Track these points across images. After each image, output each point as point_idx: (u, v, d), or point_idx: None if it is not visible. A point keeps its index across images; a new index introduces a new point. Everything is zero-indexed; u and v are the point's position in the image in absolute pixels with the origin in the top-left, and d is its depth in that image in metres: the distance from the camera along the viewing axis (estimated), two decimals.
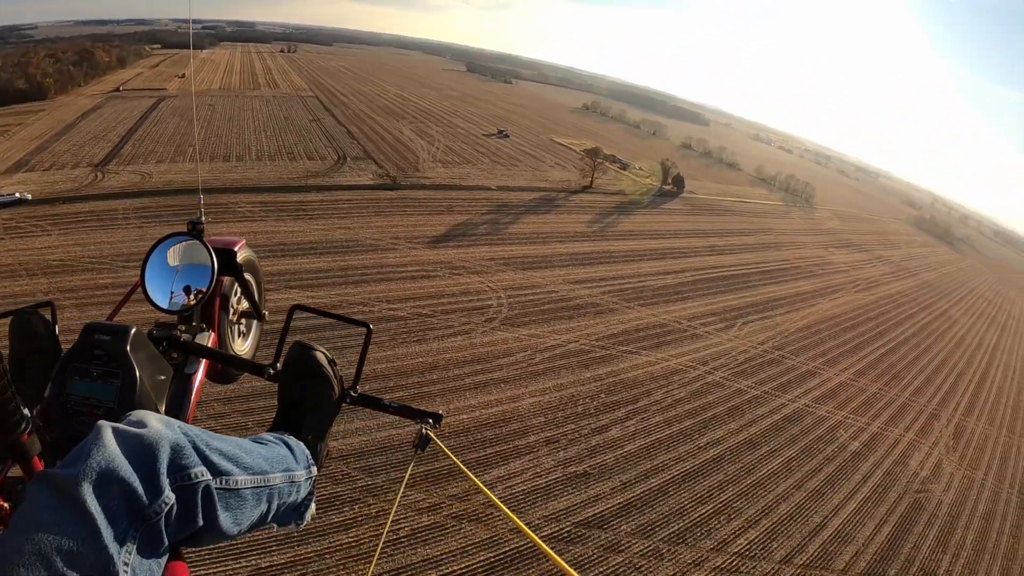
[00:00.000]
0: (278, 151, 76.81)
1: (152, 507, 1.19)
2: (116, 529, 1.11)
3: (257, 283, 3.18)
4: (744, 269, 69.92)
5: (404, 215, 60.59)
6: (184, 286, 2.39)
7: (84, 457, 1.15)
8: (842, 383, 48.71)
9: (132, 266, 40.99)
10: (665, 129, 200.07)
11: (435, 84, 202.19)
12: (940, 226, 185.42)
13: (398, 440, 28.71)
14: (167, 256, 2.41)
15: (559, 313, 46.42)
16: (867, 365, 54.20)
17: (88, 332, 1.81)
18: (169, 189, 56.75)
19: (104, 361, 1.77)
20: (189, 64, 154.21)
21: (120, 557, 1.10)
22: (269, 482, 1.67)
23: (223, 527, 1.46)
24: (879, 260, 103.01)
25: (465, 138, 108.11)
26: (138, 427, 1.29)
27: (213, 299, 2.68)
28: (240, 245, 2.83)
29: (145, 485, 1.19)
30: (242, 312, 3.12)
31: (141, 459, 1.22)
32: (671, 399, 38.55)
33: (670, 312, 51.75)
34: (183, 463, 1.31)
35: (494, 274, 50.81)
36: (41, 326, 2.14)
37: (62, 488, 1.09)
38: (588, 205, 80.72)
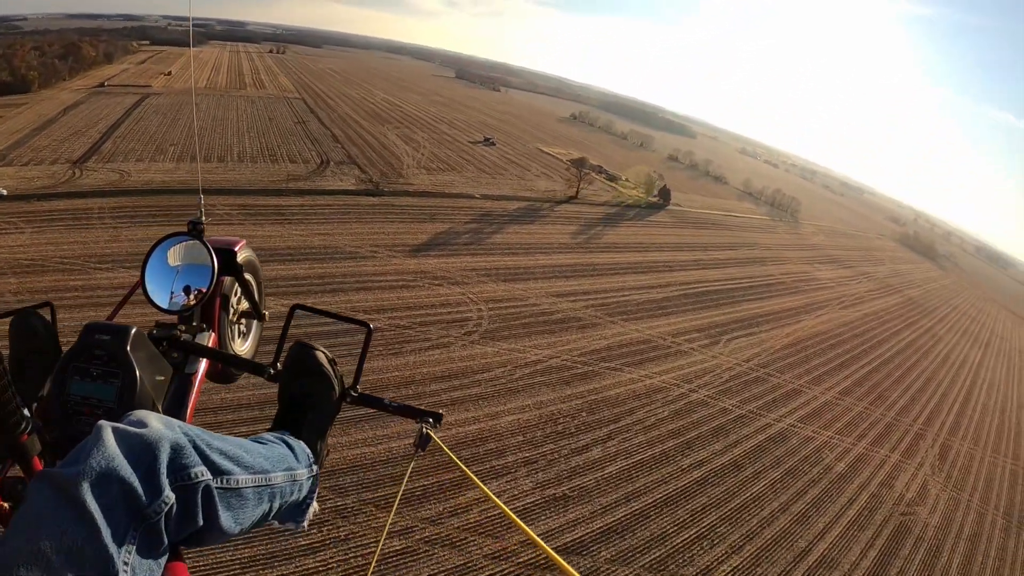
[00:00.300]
0: (260, 153, 75.33)
1: (152, 507, 1.20)
2: (116, 529, 1.12)
3: (257, 283, 3.19)
4: (729, 284, 69.18)
5: (385, 222, 59.37)
6: (184, 286, 2.38)
7: (84, 457, 1.15)
8: (828, 402, 48.06)
9: (104, 268, 40.13)
10: (652, 141, 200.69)
11: (423, 89, 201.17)
12: (923, 242, 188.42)
13: (370, 458, 27.73)
14: (167, 256, 2.40)
15: (541, 327, 45.34)
16: (853, 383, 53.69)
17: (88, 332, 1.80)
18: (147, 189, 55.47)
19: (104, 361, 1.75)
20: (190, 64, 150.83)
21: (120, 557, 1.10)
22: (270, 481, 1.66)
23: (224, 526, 1.45)
24: (864, 276, 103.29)
25: (451, 145, 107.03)
26: (138, 427, 1.30)
27: (213, 299, 2.66)
28: (240, 245, 2.83)
29: (145, 485, 1.20)
30: (242, 312, 3.13)
31: (141, 459, 1.23)
32: (654, 418, 37.56)
33: (654, 327, 50.81)
34: (183, 463, 1.32)
35: (475, 285, 49.61)
36: (41, 326, 2.14)
37: (62, 488, 1.10)
38: (573, 216, 79.79)
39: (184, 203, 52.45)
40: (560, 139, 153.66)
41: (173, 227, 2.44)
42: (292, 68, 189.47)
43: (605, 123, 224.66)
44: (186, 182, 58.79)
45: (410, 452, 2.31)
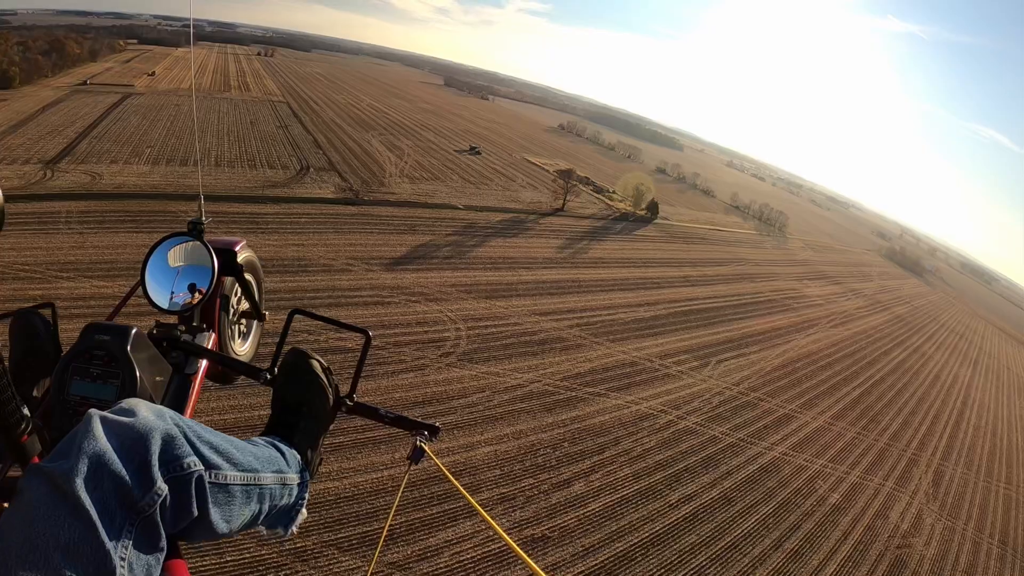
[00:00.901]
0: (238, 158, 73.25)
1: (145, 499, 1.20)
2: (111, 523, 1.11)
3: (257, 283, 3.15)
4: (718, 302, 67.68)
5: (363, 233, 57.14)
6: (184, 286, 2.38)
7: (75, 450, 1.15)
8: (820, 427, 46.64)
9: (65, 277, 38.06)
10: (640, 153, 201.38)
11: (410, 96, 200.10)
12: (910, 258, 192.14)
13: (333, 494, 25.69)
14: (167, 256, 2.40)
15: (522, 348, 43.12)
16: (845, 407, 52.46)
17: (88, 332, 1.81)
18: (117, 193, 53.50)
19: (104, 361, 1.77)
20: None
21: (117, 552, 1.10)
22: (260, 481, 1.64)
23: (213, 523, 1.44)
24: (853, 293, 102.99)
25: (436, 153, 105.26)
26: (128, 417, 1.29)
27: (213, 299, 2.64)
28: (240, 245, 2.80)
29: (137, 477, 1.20)
30: (242, 312, 3.09)
31: (132, 450, 1.22)
32: (640, 448, 35.52)
33: (641, 349, 48.84)
34: (175, 453, 1.31)
35: (454, 302, 47.33)
36: (41, 326, 2.17)
37: (56, 484, 1.09)
38: (559, 229, 78.01)
39: (153, 209, 50.69)
40: (547, 149, 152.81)
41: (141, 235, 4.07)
42: (279, 71, 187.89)
43: (593, 134, 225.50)
44: (158, 187, 56.83)
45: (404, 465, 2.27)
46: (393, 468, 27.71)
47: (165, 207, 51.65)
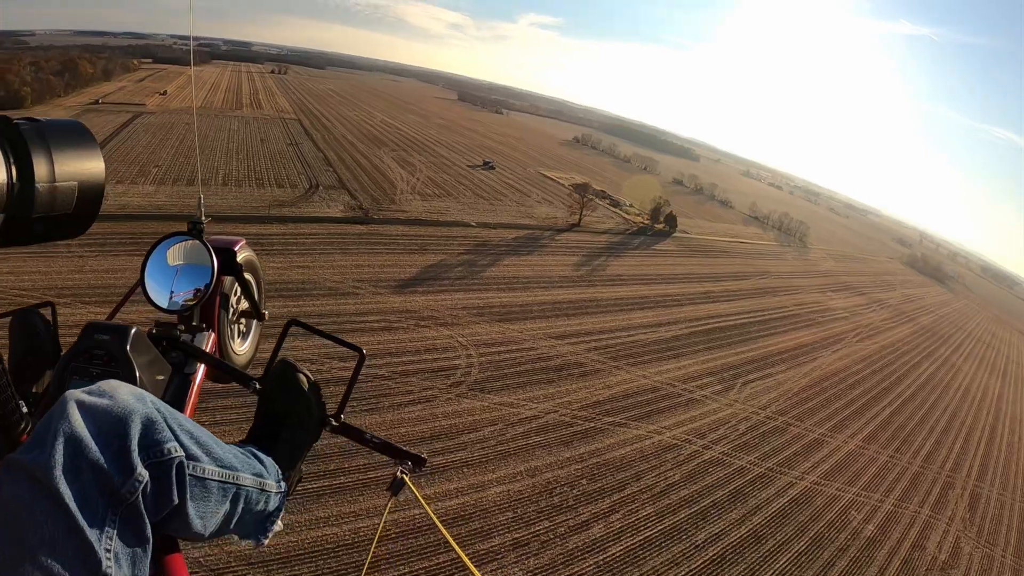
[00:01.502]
0: (246, 177, 71.95)
1: (126, 487, 1.15)
2: (93, 514, 1.08)
3: (257, 283, 3.11)
4: (741, 319, 65.42)
5: (372, 254, 55.35)
6: (184, 286, 2.36)
7: (51, 438, 1.11)
8: (851, 452, 44.39)
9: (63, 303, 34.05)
10: (656, 164, 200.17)
11: (424, 112, 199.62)
12: (931, 265, 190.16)
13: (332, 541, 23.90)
14: (167, 255, 2.38)
15: (537, 375, 40.89)
16: (876, 428, 50.21)
17: (88, 332, 1.81)
18: (120, 214, 52.14)
19: (104, 361, 1.76)
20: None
21: (101, 544, 1.07)
22: (238, 480, 1.59)
23: (189, 516, 1.38)
24: (877, 304, 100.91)
25: (449, 169, 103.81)
26: (106, 399, 1.24)
27: (213, 299, 2.62)
28: (240, 245, 2.78)
29: (116, 463, 1.15)
30: (242, 312, 3.06)
31: (110, 436, 1.18)
32: (664, 483, 33.24)
33: (663, 372, 46.56)
34: (156, 438, 1.27)
35: (466, 327, 45.24)
36: (41, 326, 2.16)
37: (34, 476, 1.06)
38: (575, 245, 75.99)
39: (156, 230, 47.63)
40: (562, 163, 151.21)
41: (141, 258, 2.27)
42: (292, 89, 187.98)
43: (608, 146, 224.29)
44: (162, 207, 55.77)
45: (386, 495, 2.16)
46: (397, 512, 25.65)
47: (168, 228, 49.49)
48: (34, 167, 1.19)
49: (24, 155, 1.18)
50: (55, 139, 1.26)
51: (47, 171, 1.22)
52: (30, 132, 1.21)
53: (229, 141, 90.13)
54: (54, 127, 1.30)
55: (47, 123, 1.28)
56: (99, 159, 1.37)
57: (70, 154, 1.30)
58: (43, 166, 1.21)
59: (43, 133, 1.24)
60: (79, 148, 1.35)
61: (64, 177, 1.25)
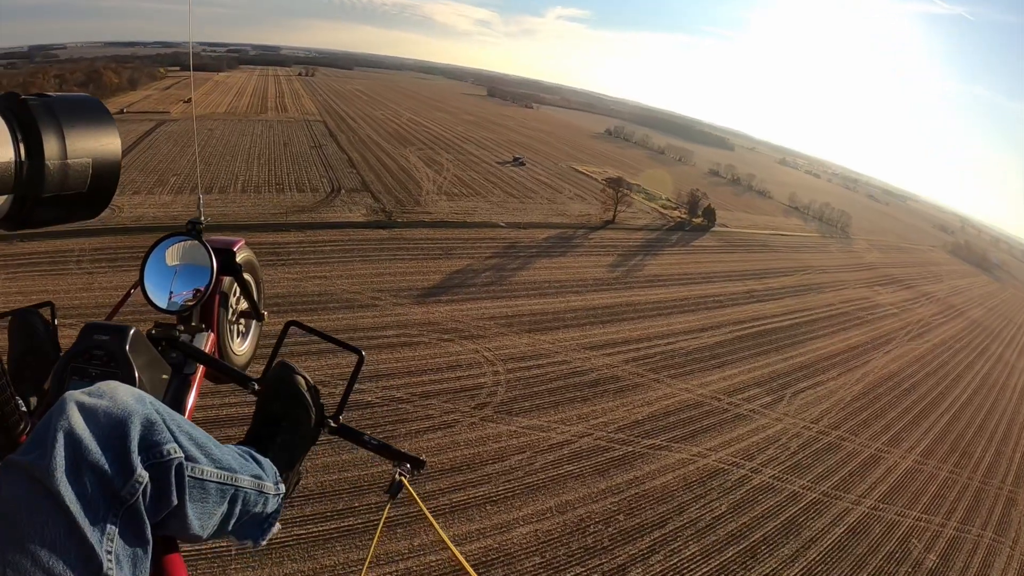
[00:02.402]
0: (267, 182, 69.84)
1: (126, 488, 1.16)
2: (95, 516, 1.09)
3: (256, 283, 3.15)
4: (788, 319, 61.63)
5: (393, 260, 52.52)
6: (183, 286, 2.38)
7: (51, 439, 1.11)
8: (910, 469, 40.82)
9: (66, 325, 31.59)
10: (691, 155, 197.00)
11: (452, 108, 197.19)
12: (975, 252, 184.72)
13: None
14: (166, 256, 2.40)
15: (570, 393, 37.57)
16: (934, 440, 46.48)
17: (87, 332, 1.83)
18: (135, 226, 50.45)
19: (103, 361, 1.78)
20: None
21: (103, 545, 1.08)
22: (236, 482, 1.59)
23: (187, 517, 1.39)
24: (925, 298, 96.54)
25: (477, 166, 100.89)
26: (106, 400, 1.25)
27: (212, 299, 2.65)
28: (239, 245, 2.82)
29: (117, 465, 1.16)
30: (241, 312, 3.10)
31: (110, 437, 1.19)
32: (709, 515, 29.80)
33: (706, 384, 42.98)
34: (155, 439, 1.27)
35: (493, 339, 42.08)
36: (41, 326, 2.17)
37: (34, 477, 1.07)
38: (610, 244, 72.52)
39: None
40: (595, 156, 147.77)
41: None
42: (319, 90, 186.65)
43: (641, 138, 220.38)
44: (178, 218, 52.95)
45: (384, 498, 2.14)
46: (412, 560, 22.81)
47: None
48: (44, 144, 1.16)
49: (34, 131, 1.15)
50: (66, 114, 1.23)
51: (58, 148, 1.19)
52: (39, 108, 1.19)
53: (252, 146, 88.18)
54: (65, 102, 1.26)
55: (58, 98, 1.25)
56: (115, 135, 1.32)
57: (83, 130, 1.26)
58: (54, 143, 1.18)
59: (53, 108, 1.21)
60: (92, 124, 1.30)
61: (76, 154, 1.23)
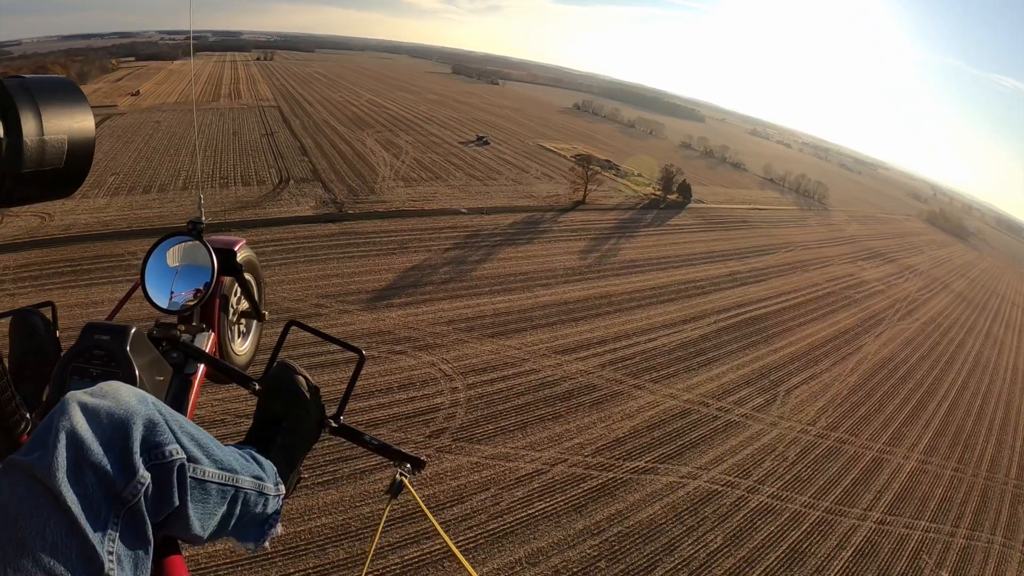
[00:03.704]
0: (210, 177, 64.35)
1: (128, 489, 1.16)
2: (96, 517, 1.09)
3: (257, 283, 3.15)
4: (774, 303, 58.00)
5: (342, 259, 47.33)
6: (184, 286, 2.37)
7: (53, 439, 1.11)
8: (914, 471, 37.89)
9: None
10: (662, 128, 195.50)
11: (415, 87, 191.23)
12: (951, 221, 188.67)
13: None
14: (167, 256, 2.39)
15: (540, 409, 32.83)
16: (935, 433, 43.87)
17: (88, 332, 1.81)
18: (65, 236, 45.72)
19: (104, 361, 1.77)
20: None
21: (104, 546, 1.07)
22: (237, 483, 1.57)
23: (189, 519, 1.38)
24: (909, 271, 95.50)
25: (438, 148, 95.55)
26: (109, 400, 1.25)
27: (213, 299, 2.63)
28: (240, 245, 2.79)
29: (119, 465, 1.16)
30: (242, 312, 3.08)
31: (113, 438, 1.19)
32: (704, 552, 25.67)
33: (693, 387, 38.71)
34: (157, 440, 1.27)
35: (451, 348, 37.18)
36: (41, 326, 2.16)
37: (36, 478, 1.06)
38: (581, 227, 67.93)
39: (99, 254, 43.18)
40: (563, 132, 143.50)
41: (77, 290, 4.65)
42: (277, 74, 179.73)
43: (610, 112, 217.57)
44: (111, 223, 48.99)
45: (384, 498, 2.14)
46: None
47: (112, 249, 43.95)
48: (22, 122, 1.18)
49: (11, 109, 1.17)
50: (42, 94, 1.25)
51: (35, 125, 1.21)
52: (15, 87, 1.21)
53: (200, 137, 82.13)
54: (41, 82, 1.29)
55: (33, 79, 1.28)
56: (88, 114, 1.33)
57: (58, 109, 1.28)
58: (31, 120, 1.20)
59: (29, 88, 1.23)
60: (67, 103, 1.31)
61: (53, 131, 1.25)
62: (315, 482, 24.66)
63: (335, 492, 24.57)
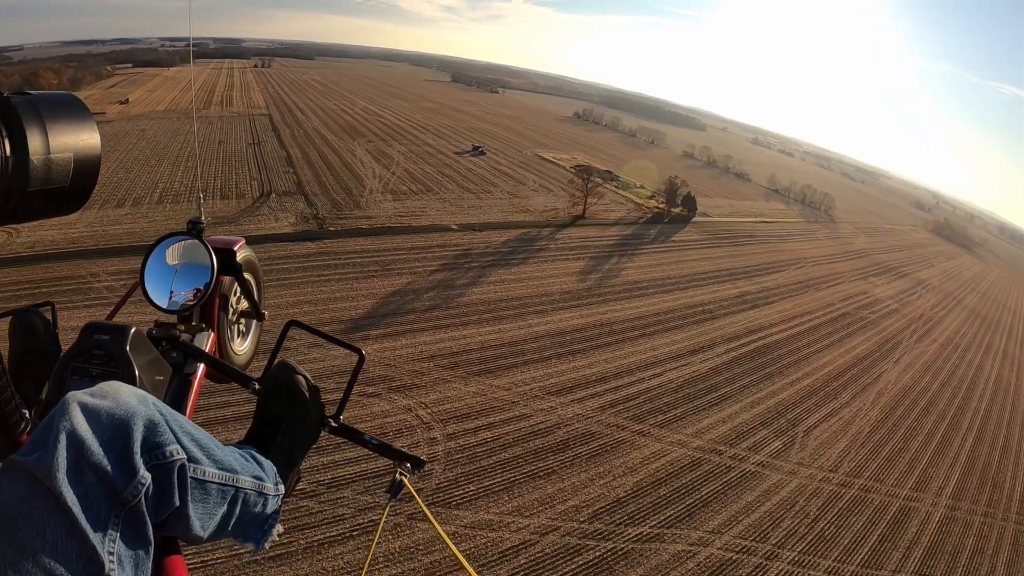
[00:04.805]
0: (188, 189, 60.60)
1: (129, 489, 1.17)
2: (96, 518, 1.09)
3: (257, 283, 3.14)
4: (788, 328, 54.45)
5: (317, 282, 43.35)
6: (183, 286, 2.36)
7: (53, 439, 1.12)
8: (943, 520, 34.53)
9: None
10: (663, 137, 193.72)
11: (412, 95, 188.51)
12: (957, 231, 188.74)
13: None
14: (166, 255, 2.38)
15: (530, 464, 28.74)
16: (962, 473, 40.65)
17: (88, 332, 1.81)
18: (30, 254, 42.83)
19: (103, 361, 1.77)
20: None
21: (104, 547, 1.08)
22: (237, 483, 1.57)
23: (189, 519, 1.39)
24: (921, 287, 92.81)
25: (431, 158, 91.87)
26: (109, 401, 1.25)
27: (213, 299, 2.63)
28: (240, 245, 2.78)
29: (119, 466, 1.17)
30: (242, 312, 3.07)
31: (113, 438, 1.19)
32: None
33: (703, 431, 34.83)
34: (157, 440, 1.28)
35: (431, 389, 33.04)
36: (41, 326, 2.17)
37: (36, 478, 1.07)
38: (580, 244, 64.10)
39: (60, 275, 40.07)
40: (563, 141, 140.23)
41: None
42: (273, 82, 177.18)
43: (611, 120, 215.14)
44: (77, 241, 45.68)
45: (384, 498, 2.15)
46: None
47: (75, 269, 40.86)
48: (28, 140, 1.19)
49: (18, 128, 1.18)
50: (48, 111, 1.26)
51: (42, 143, 1.22)
52: (23, 105, 1.22)
53: (183, 147, 77.79)
54: (47, 99, 1.30)
55: (40, 95, 1.29)
56: (94, 131, 1.35)
57: (64, 126, 1.29)
58: (37, 138, 1.21)
59: (36, 105, 1.24)
60: (73, 120, 1.33)
61: (59, 149, 1.26)
62: (265, 557, 20.83)
63: (288, 570, 20.76)
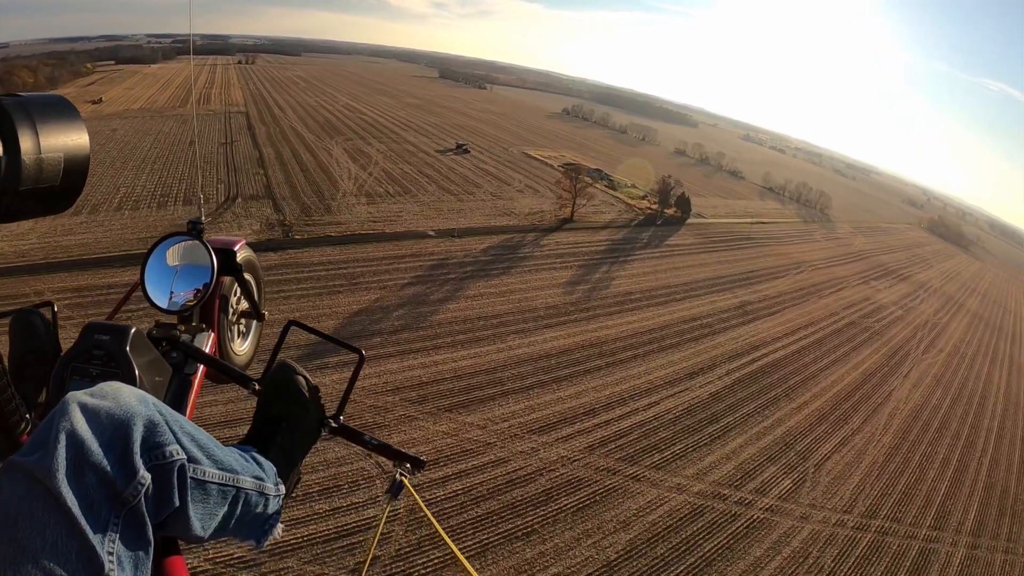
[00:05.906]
0: (151, 194, 56.76)
1: (128, 490, 1.17)
2: (96, 518, 1.09)
3: (257, 283, 3.15)
4: (792, 343, 51.01)
5: (275, 299, 39.04)
6: (184, 286, 2.37)
7: (53, 440, 1.12)
8: (963, 560, 31.53)
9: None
10: (654, 133, 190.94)
11: (397, 91, 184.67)
12: (951, 229, 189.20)
13: None
14: (166, 256, 2.39)
15: (507, 523, 24.61)
16: (980, 503, 37.48)
17: (88, 332, 1.82)
18: None
19: (104, 361, 1.78)
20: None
21: (104, 547, 1.08)
22: (238, 483, 1.57)
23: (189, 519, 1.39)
24: (923, 290, 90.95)
25: (412, 157, 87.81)
26: (109, 401, 1.26)
27: (213, 299, 2.64)
28: (240, 245, 2.78)
29: (119, 466, 1.17)
30: (242, 312, 3.08)
31: (113, 438, 1.19)
32: None
33: (705, 471, 30.92)
34: (157, 440, 1.28)
35: (396, 429, 28.73)
36: (41, 326, 2.16)
37: (36, 479, 1.07)
38: (568, 250, 60.14)
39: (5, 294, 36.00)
40: (551, 139, 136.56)
41: None
42: (255, 78, 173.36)
43: (601, 117, 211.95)
44: (27, 254, 42.15)
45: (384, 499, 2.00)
46: None
47: (20, 287, 37.21)
48: (20, 140, 1.21)
49: (10, 129, 1.20)
50: (39, 112, 1.28)
51: (33, 144, 1.24)
52: (13, 105, 1.23)
53: (151, 148, 74.29)
54: (37, 101, 1.32)
55: (30, 97, 1.31)
56: (83, 132, 1.36)
57: (54, 127, 1.31)
58: (28, 139, 1.23)
59: (27, 107, 1.26)
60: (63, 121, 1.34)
61: (50, 149, 1.28)
62: None
63: None
